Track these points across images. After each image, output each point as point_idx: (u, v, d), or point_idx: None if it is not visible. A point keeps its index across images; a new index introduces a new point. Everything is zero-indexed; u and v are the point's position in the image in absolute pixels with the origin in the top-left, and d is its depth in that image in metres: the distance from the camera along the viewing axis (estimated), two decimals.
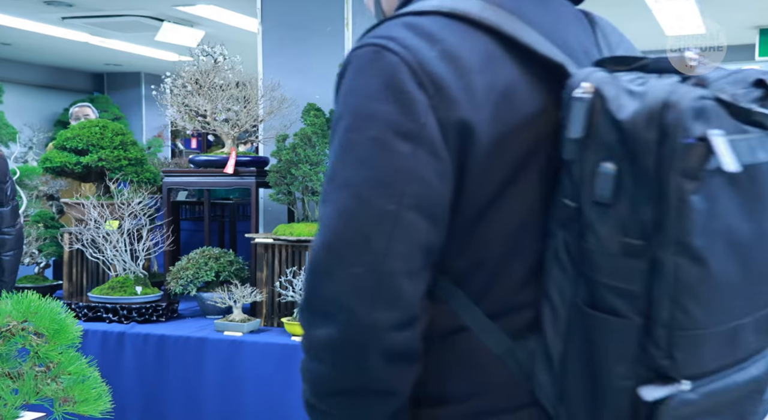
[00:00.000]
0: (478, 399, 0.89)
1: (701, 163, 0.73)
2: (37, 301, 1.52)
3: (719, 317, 0.78)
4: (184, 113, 4.10)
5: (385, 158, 0.81)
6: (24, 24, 6.50)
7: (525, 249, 0.87)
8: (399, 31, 0.84)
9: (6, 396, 1.37)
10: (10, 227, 2.92)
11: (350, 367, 0.84)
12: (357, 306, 0.81)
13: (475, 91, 0.82)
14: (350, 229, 0.81)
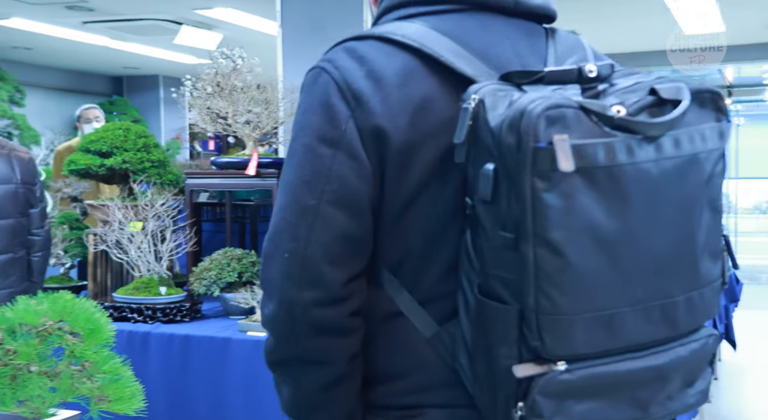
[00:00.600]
0: (412, 377, 1.02)
1: (551, 164, 0.82)
2: (72, 301, 1.55)
3: (585, 305, 0.86)
4: (206, 116, 4.14)
5: (311, 160, 0.98)
6: (45, 29, 6.59)
7: (446, 243, 0.99)
8: (338, 55, 1.01)
9: (44, 394, 1.40)
10: (38, 229, 2.96)
11: (286, 339, 1.00)
12: (287, 286, 0.97)
13: (391, 102, 0.97)
14: (283, 221, 0.98)
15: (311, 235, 0.96)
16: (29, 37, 7.05)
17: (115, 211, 3.45)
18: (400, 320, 1.02)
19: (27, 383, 1.41)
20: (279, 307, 0.98)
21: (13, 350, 1.44)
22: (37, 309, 1.51)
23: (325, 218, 0.96)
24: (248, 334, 2.92)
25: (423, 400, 1.02)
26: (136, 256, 3.48)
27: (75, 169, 3.68)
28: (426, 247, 1.00)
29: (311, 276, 0.96)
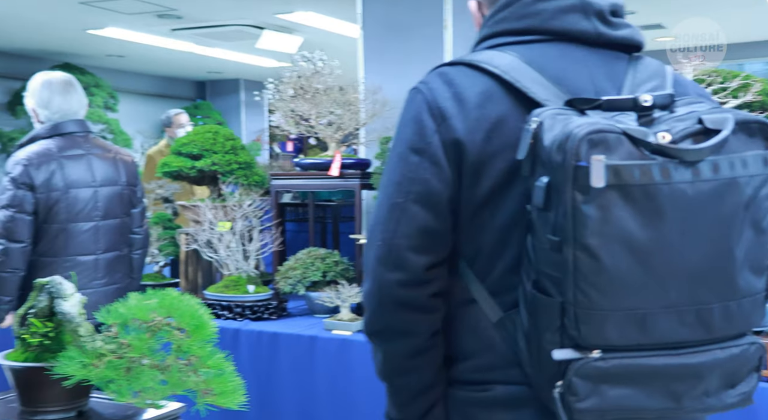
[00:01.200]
0: (481, 357, 1.20)
1: (588, 180, 0.97)
2: (179, 298, 1.63)
3: (617, 303, 1.01)
4: (289, 118, 4.24)
5: (401, 166, 1.18)
6: (137, 37, 6.87)
7: (511, 243, 1.15)
8: (432, 78, 1.21)
9: (156, 386, 1.47)
10: (139, 227, 3.09)
11: (377, 312, 1.19)
12: (379, 268, 1.17)
13: (470, 120, 1.15)
14: (378, 216, 1.19)
15: (398, 228, 1.16)
16: (122, 45, 7.38)
17: (206, 212, 3.58)
18: (473, 306, 1.20)
19: (140, 375, 1.49)
20: (372, 285, 1.19)
21: (127, 344, 1.52)
22: (147, 305, 1.59)
23: (410, 214, 1.16)
24: (333, 332, 2.98)
25: (489, 377, 1.19)
26: (225, 255, 3.60)
27: (168, 171, 3.83)
28: (495, 244, 1.17)
29: (397, 261, 1.16)
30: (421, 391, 1.24)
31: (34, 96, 2.83)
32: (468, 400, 1.22)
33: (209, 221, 3.59)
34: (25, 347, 1.62)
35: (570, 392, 1.03)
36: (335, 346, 2.93)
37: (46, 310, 1.63)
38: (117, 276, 2.92)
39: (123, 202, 2.95)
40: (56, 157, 2.72)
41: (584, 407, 1.04)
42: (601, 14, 1.22)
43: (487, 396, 1.19)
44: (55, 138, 2.78)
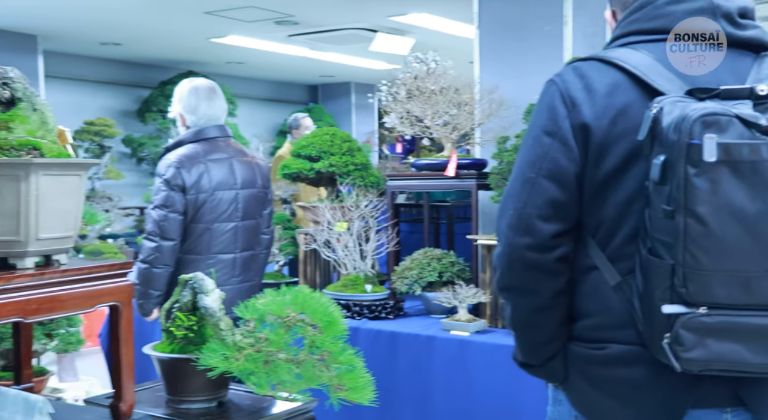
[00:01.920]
0: (600, 317, 1.34)
1: (699, 156, 1.13)
2: (311, 295, 1.68)
3: (722, 264, 1.15)
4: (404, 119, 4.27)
5: (535, 146, 1.36)
6: (256, 43, 7.14)
7: (630, 216, 1.30)
8: (567, 71, 1.39)
9: (292, 379, 1.52)
10: (267, 228, 3.22)
11: (507, 272, 1.37)
12: (510, 234, 1.35)
13: (598, 108, 1.32)
14: (512, 189, 1.38)
15: (529, 199, 1.33)
16: (242, 52, 7.69)
17: (324, 212, 3.67)
18: (594, 272, 1.35)
19: (277, 369, 1.54)
20: (504, 248, 1.37)
21: (265, 338, 1.59)
22: (282, 301, 1.65)
23: (540, 187, 1.33)
24: (451, 332, 2.97)
25: (605, 336, 1.34)
26: (343, 255, 3.67)
27: (287, 172, 3.95)
28: (615, 217, 1.32)
29: (527, 227, 1.33)
30: (543, 343, 1.40)
31: (181, 102, 2.99)
32: (585, 357, 1.37)
33: (328, 221, 3.68)
34: (171, 339, 1.72)
35: (677, 343, 1.19)
36: (454, 346, 2.92)
37: (190, 304, 1.73)
38: (250, 274, 3.05)
39: (258, 203, 3.08)
40: (203, 160, 2.87)
41: (690, 357, 1.19)
42: (729, 16, 1.34)
43: (602, 353, 1.34)
44: (200, 142, 2.93)
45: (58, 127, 1.47)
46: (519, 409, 2.62)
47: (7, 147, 1.33)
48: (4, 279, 1.29)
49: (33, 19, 6.09)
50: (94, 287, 1.44)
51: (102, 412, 1.57)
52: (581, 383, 1.37)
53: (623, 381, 1.31)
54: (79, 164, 1.41)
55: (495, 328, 3.04)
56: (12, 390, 1.22)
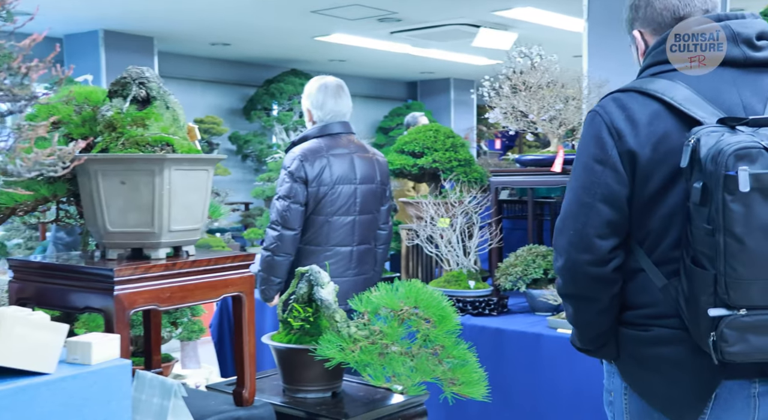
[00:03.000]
0: (648, 309, 1.56)
1: (735, 185, 1.32)
2: (424, 289, 1.69)
3: (758, 274, 1.36)
4: (509, 114, 4.22)
5: (588, 174, 1.55)
6: (359, 41, 7.23)
7: (673, 228, 1.51)
8: (609, 103, 1.56)
9: (407, 372, 1.54)
10: (384, 224, 3.28)
11: (569, 283, 1.58)
12: (571, 251, 1.55)
13: (641, 137, 1.50)
14: (570, 211, 1.57)
15: (587, 221, 1.53)
16: (344, 50, 7.81)
17: (428, 208, 3.68)
18: (642, 274, 1.56)
19: (392, 361, 1.56)
20: (565, 263, 1.57)
21: (380, 330, 1.61)
22: (395, 295, 1.67)
23: (596, 210, 1.53)
24: (558, 330, 2.92)
25: (652, 322, 1.56)
26: (446, 251, 3.68)
27: (391, 169, 3.98)
28: (660, 229, 1.52)
29: (587, 246, 1.53)
30: (600, 335, 1.62)
31: (310, 98, 3.11)
32: (634, 338, 1.58)
33: (431, 217, 3.69)
34: (288, 330, 1.78)
35: (722, 340, 1.39)
36: (560, 344, 2.86)
37: (306, 296, 1.77)
38: (365, 267, 3.12)
39: (376, 199, 3.16)
40: (326, 154, 2.98)
41: (733, 351, 1.40)
42: (749, 41, 1.53)
43: (649, 335, 1.56)
44: (324, 137, 3.05)
45: (187, 124, 1.54)
46: None
47: (143, 143, 1.41)
48: (142, 268, 1.37)
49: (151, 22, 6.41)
50: (220, 278, 1.51)
51: (225, 398, 1.63)
52: (630, 361, 1.60)
53: (666, 359, 1.54)
54: (208, 160, 1.48)
55: None
56: (149, 373, 1.30)
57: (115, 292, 1.32)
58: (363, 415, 1.65)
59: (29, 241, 6.19)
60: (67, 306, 1.40)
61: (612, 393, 1.67)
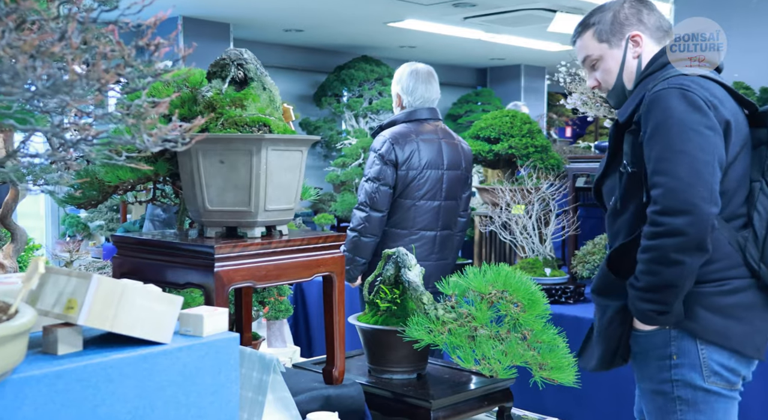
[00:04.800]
0: (720, 262, 1.80)
1: None
2: (512, 273, 1.67)
3: None
4: (590, 99, 4.13)
5: (701, 137, 1.72)
6: (431, 27, 7.19)
7: (745, 185, 1.81)
8: (689, 82, 1.74)
9: (497, 355, 1.53)
10: (464, 211, 3.28)
11: (695, 237, 1.71)
12: (703, 205, 1.70)
13: (726, 109, 1.76)
14: (695, 169, 1.72)
15: (713, 178, 1.72)
16: (416, 35, 7.77)
17: (505, 194, 3.65)
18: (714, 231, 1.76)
19: (482, 344, 1.56)
20: (696, 217, 1.71)
21: (469, 313, 1.61)
22: (484, 278, 1.66)
23: (715, 170, 1.72)
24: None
25: (727, 275, 1.81)
26: (521, 238, 3.64)
27: None
28: (734, 188, 1.79)
29: (716, 200, 1.73)
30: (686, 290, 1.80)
31: (400, 83, 3.16)
32: (711, 292, 1.80)
33: (507, 204, 3.66)
34: (374, 311, 1.79)
35: None
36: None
37: (393, 278, 1.78)
38: (446, 252, 3.14)
39: (460, 185, 3.17)
40: (415, 139, 3.02)
41: None
42: None
43: (725, 288, 1.80)
44: (412, 122, 3.09)
45: (283, 104, 1.56)
46: None
47: (241, 123, 1.44)
48: (240, 246, 1.40)
49: (227, 8, 6.52)
50: (313, 257, 1.53)
51: (314, 376, 1.66)
52: (705, 314, 1.81)
53: (740, 305, 1.81)
54: (302, 140, 1.50)
55: None
56: (248, 349, 1.33)
57: (216, 269, 1.36)
58: (450, 397, 1.65)
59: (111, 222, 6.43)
60: (168, 281, 1.45)
61: (676, 356, 1.83)
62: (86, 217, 6.41)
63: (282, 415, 1.33)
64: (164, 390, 0.98)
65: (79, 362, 0.92)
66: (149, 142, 0.80)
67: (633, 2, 1.94)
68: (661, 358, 1.83)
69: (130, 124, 0.81)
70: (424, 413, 1.61)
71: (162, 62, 0.88)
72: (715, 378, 1.82)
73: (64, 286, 0.95)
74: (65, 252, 4.48)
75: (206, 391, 1.03)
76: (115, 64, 0.79)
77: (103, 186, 1.63)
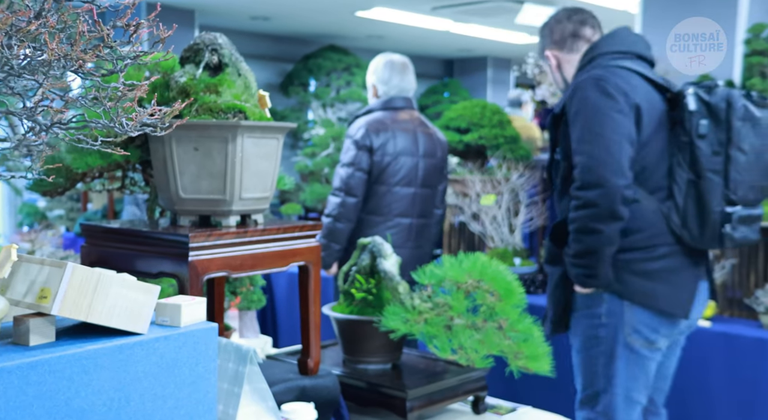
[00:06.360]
0: (646, 231, 2.08)
1: (750, 114, 2.03)
2: (488, 263, 1.67)
3: (752, 178, 2.04)
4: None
5: (610, 120, 2.03)
6: (400, 16, 7.16)
7: (664, 161, 2.08)
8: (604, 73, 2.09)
9: (475, 345, 1.53)
10: (441, 203, 3.28)
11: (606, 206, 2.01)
12: (611, 178, 2.00)
13: (639, 94, 2.07)
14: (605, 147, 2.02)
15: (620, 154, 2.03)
16: (383, 26, 7.74)
17: (475, 185, 3.65)
18: (636, 203, 2.05)
19: (459, 334, 1.55)
20: (605, 189, 2.01)
21: (444, 303, 1.60)
22: (460, 268, 1.65)
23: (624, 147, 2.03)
24: None
25: (653, 242, 2.07)
26: (491, 228, 3.65)
27: None
28: (652, 163, 2.06)
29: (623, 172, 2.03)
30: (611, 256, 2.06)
31: (376, 73, 3.18)
32: (638, 259, 2.07)
33: (477, 194, 3.67)
34: (349, 301, 1.77)
35: (732, 228, 2.02)
36: None
37: (368, 268, 1.77)
38: (422, 241, 3.14)
39: (436, 174, 3.18)
40: (390, 126, 3.04)
41: (737, 236, 2.03)
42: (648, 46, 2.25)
43: (653, 254, 2.07)
44: (388, 110, 3.10)
45: (258, 91, 1.53)
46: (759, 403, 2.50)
47: (216, 109, 1.41)
48: (215, 235, 1.37)
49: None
50: (289, 247, 1.51)
51: (289, 367, 1.64)
52: (631, 278, 2.07)
53: (666, 269, 2.07)
54: (279, 128, 1.47)
55: None
56: (224, 339, 1.30)
57: (190, 258, 1.33)
58: (425, 386, 1.64)
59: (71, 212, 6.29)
60: (139, 271, 1.41)
61: (604, 316, 2.11)
62: (45, 206, 6.26)
63: (258, 407, 1.31)
64: (140, 381, 0.96)
65: (53, 353, 0.89)
66: (129, 126, 0.77)
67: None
68: (591, 317, 2.13)
69: (108, 108, 0.78)
70: (399, 403, 1.61)
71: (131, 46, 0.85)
72: (636, 336, 2.09)
73: (37, 275, 0.92)
74: (26, 242, 4.37)
75: (184, 383, 1.01)
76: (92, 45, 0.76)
77: (71, 173, 1.59)
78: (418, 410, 1.61)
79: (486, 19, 7.07)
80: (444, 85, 10.59)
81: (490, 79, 11.00)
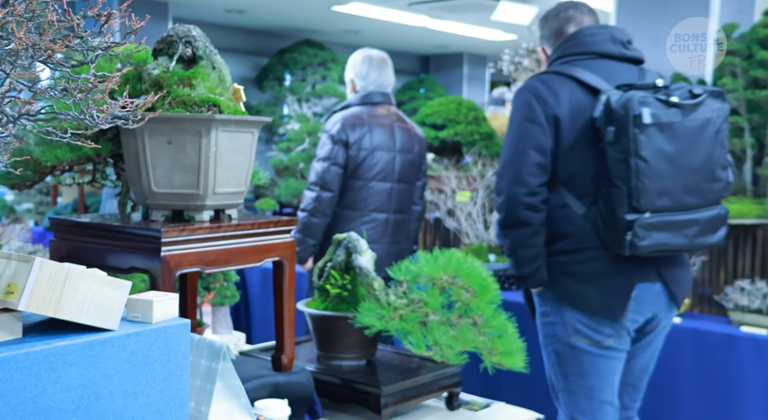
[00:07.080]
0: (573, 236, 2.12)
1: (641, 121, 1.94)
2: (464, 259, 1.67)
3: (658, 185, 1.97)
4: None
5: (520, 130, 2.12)
6: (376, 12, 7.15)
7: (589, 168, 2.08)
8: (533, 81, 2.16)
9: (450, 341, 1.53)
10: (419, 199, 3.27)
11: (512, 212, 2.12)
12: (511, 186, 2.10)
13: (561, 103, 2.10)
14: (507, 159, 2.14)
15: (522, 163, 2.10)
16: (359, 21, 7.73)
17: (450, 181, 3.66)
18: (566, 208, 2.12)
19: (433, 330, 1.55)
20: (506, 197, 2.11)
21: (420, 299, 1.60)
22: (435, 264, 1.65)
23: (528, 155, 2.09)
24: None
25: (581, 246, 2.10)
26: (466, 224, 3.66)
27: None
28: (579, 169, 2.09)
29: (522, 181, 2.09)
30: (534, 258, 2.13)
31: (354, 68, 3.18)
32: (568, 262, 2.12)
33: (452, 190, 3.67)
34: (324, 297, 1.76)
35: (635, 236, 1.97)
36: None
37: (343, 264, 1.76)
38: (400, 237, 3.14)
39: (414, 169, 3.18)
40: (367, 121, 3.03)
41: (643, 244, 1.98)
42: (623, 42, 2.19)
43: (581, 257, 2.10)
44: (366, 105, 3.10)
45: (233, 85, 1.51)
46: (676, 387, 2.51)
47: (190, 103, 1.39)
48: (188, 230, 1.35)
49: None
50: (263, 242, 1.49)
51: (263, 363, 1.63)
52: (564, 280, 2.12)
53: (594, 271, 2.09)
54: (253, 122, 1.46)
55: None
56: (196, 335, 1.29)
57: (162, 254, 1.31)
58: (399, 383, 1.64)
59: (40, 205, 6.19)
60: (110, 266, 1.39)
61: (550, 314, 2.18)
62: (13, 200, 6.15)
63: (231, 404, 1.30)
64: (110, 378, 0.94)
65: (19, 350, 0.87)
66: (100, 118, 0.75)
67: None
68: (542, 315, 2.22)
69: (78, 99, 0.77)
70: (373, 399, 1.60)
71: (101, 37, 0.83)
72: (578, 335, 2.13)
73: (3, 270, 0.90)
74: None
75: (155, 380, 0.99)
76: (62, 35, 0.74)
77: (39, 166, 1.55)
78: (392, 406, 1.61)
79: (462, 15, 7.09)
80: (420, 81, 10.60)
81: (466, 75, 11.03)
